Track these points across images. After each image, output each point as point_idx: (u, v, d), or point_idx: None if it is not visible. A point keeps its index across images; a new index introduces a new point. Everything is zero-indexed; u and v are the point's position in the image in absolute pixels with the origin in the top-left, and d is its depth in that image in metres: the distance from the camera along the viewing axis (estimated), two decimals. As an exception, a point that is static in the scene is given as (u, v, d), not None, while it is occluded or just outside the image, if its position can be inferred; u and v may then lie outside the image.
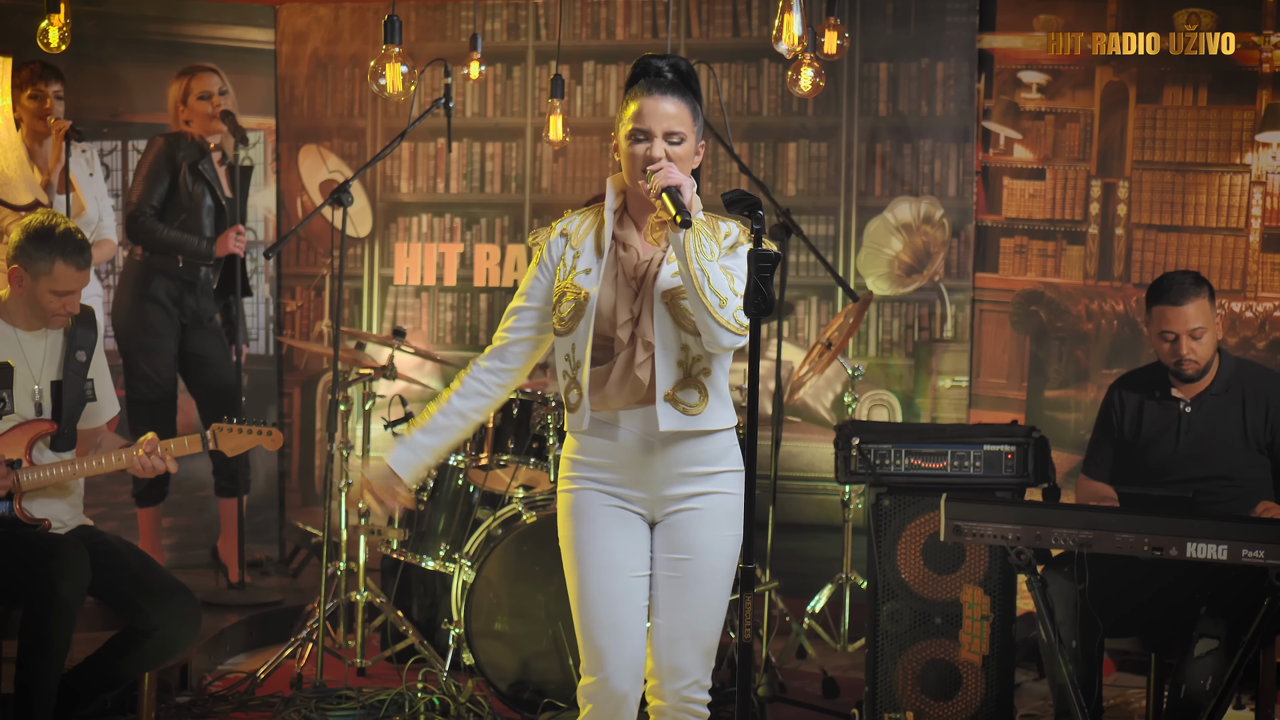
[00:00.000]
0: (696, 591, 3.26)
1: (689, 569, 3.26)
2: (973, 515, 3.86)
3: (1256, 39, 5.83)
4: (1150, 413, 4.57)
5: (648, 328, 3.22)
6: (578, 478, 3.31)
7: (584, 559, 3.27)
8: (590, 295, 3.22)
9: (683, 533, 3.27)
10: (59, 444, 4.26)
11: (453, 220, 6.78)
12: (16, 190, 5.52)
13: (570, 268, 3.27)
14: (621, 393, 3.24)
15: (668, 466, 3.26)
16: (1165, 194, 6.00)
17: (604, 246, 3.25)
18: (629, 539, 3.28)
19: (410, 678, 4.84)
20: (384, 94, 4.75)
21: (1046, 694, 5.00)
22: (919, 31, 6.31)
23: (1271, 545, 3.63)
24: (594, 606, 3.25)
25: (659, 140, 3.20)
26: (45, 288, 4.16)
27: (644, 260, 3.25)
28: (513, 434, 5.18)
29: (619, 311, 3.23)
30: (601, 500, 3.29)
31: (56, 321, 4.24)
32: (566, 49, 6.28)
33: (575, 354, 3.25)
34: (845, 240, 6.39)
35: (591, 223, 3.31)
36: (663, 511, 3.30)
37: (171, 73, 5.98)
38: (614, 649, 3.23)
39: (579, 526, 3.29)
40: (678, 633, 3.26)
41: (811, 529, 6.28)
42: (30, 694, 3.97)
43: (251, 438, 4.33)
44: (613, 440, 3.27)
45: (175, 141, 5.80)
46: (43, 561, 4.00)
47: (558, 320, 3.26)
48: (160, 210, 5.77)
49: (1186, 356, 4.46)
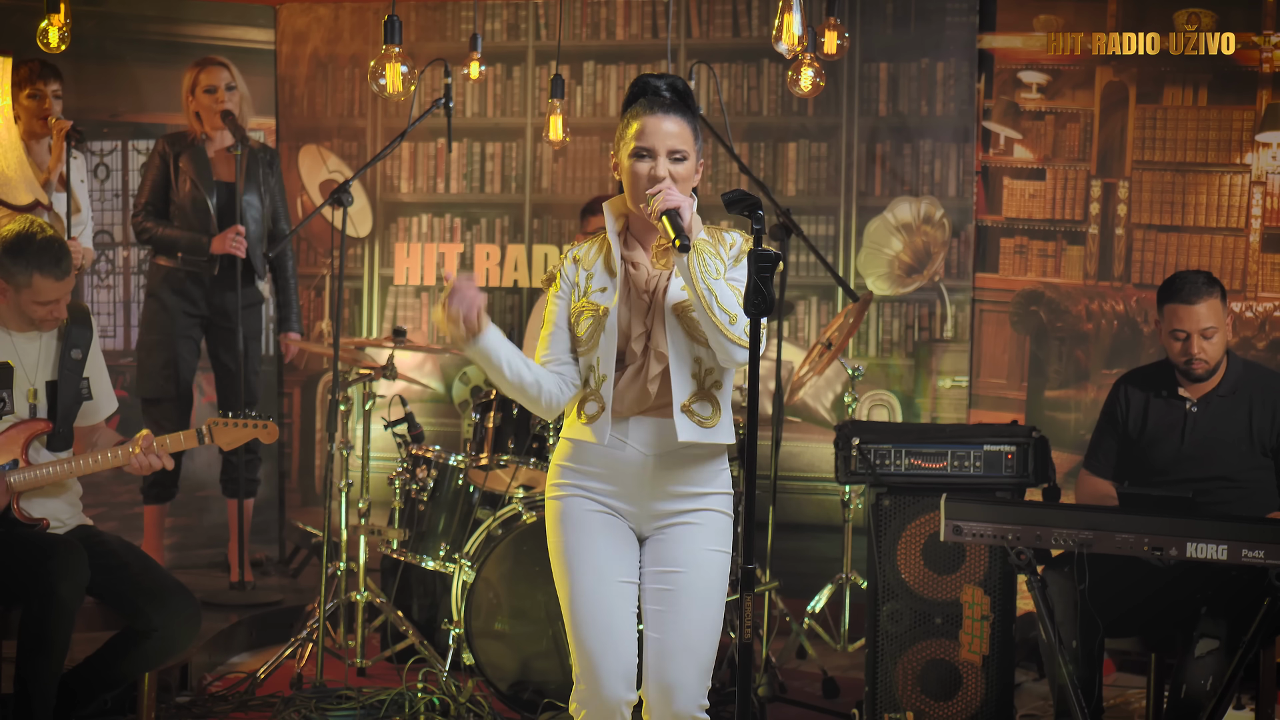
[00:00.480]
0: (688, 604, 3.25)
1: (680, 581, 3.25)
2: (973, 515, 3.86)
3: (1256, 39, 5.83)
4: (1156, 411, 4.57)
5: (660, 340, 3.24)
6: (566, 485, 3.32)
7: (573, 565, 3.27)
8: (610, 310, 3.25)
9: (673, 546, 3.28)
10: (55, 443, 4.25)
11: (453, 220, 6.78)
12: (16, 190, 5.52)
13: (585, 289, 3.29)
14: (625, 401, 3.26)
15: (661, 483, 3.28)
16: (1165, 194, 6.00)
17: (615, 267, 3.27)
18: (618, 545, 3.29)
19: (410, 678, 4.84)
20: (384, 94, 4.75)
21: (1046, 694, 5.00)
22: (919, 31, 6.31)
23: (1271, 545, 3.63)
24: (585, 612, 3.24)
25: (662, 158, 3.21)
26: (28, 299, 4.15)
27: (653, 275, 3.28)
28: (513, 434, 5.18)
29: (633, 326, 3.26)
30: (589, 507, 3.30)
31: (47, 326, 4.24)
32: (566, 49, 6.28)
33: (599, 368, 3.26)
34: (845, 240, 6.39)
35: (599, 248, 3.33)
36: (651, 527, 3.31)
37: (171, 72, 5.99)
38: (607, 654, 3.22)
39: (568, 533, 3.30)
40: (670, 648, 3.23)
41: (811, 529, 6.28)
42: (30, 694, 3.97)
43: (247, 431, 4.33)
44: (610, 450, 3.27)
45: (172, 140, 5.83)
46: (41, 561, 3.99)
47: (576, 340, 3.29)
48: (159, 209, 5.78)
49: (1197, 355, 4.45)
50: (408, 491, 5.28)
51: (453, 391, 6.73)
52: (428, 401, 6.66)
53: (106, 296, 6.56)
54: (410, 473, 5.30)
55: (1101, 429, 4.69)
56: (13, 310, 4.19)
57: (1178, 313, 4.46)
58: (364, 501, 5.20)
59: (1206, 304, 4.43)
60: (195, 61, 5.84)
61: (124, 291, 6.57)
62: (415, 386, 6.26)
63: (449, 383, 6.73)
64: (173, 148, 5.80)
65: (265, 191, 5.84)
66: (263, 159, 5.87)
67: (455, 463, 5.22)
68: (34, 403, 4.21)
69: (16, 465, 4.15)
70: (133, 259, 6.57)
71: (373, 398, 5.27)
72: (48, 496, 4.22)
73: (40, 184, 5.57)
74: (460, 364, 6.71)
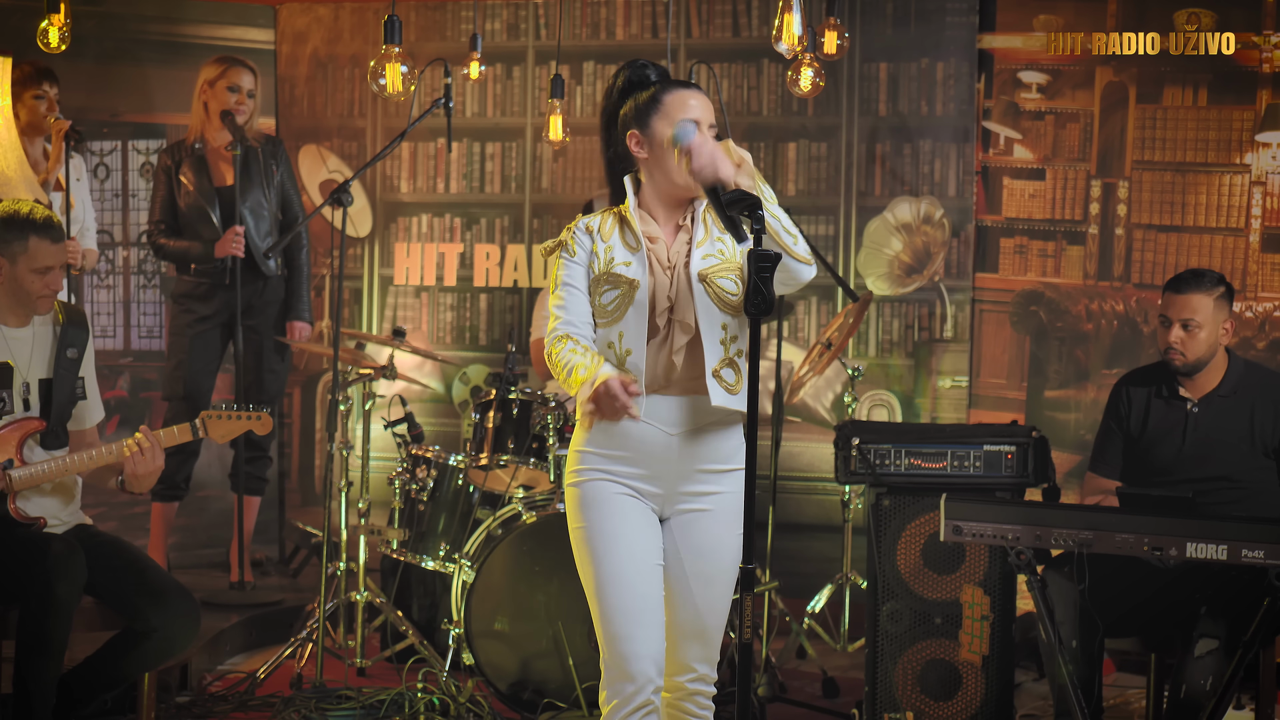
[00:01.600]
0: (705, 592, 3.29)
1: (699, 569, 3.28)
2: (973, 515, 3.86)
3: (1256, 39, 5.83)
4: (1157, 411, 4.57)
5: (686, 311, 3.24)
6: (587, 469, 3.29)
7: (601, 548, 3.25)
8: (640, 283, 3.23)
9: (695, 532, 3.29)
10: (50, 442, 4.24)
11: (453, 220, 6.78)
12: (16, 190, 5.52)
13: (606, 260, 3.27)
14: (657, 376, 3.26)
15: (685, 461, 3.28)
16: (1165, 194, 6.00)
17: (639, 239, 3.27)
18: (645, 527, 3.28)
19: (410, 678, 4.84)
20: (384, 94, 4.75)
21: (1046, 694, 5.00)
22: (919, 31, 6.31)
23: (1271, 545, 3.63)
24: (615, 594, 3.22)
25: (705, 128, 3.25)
26: (24, 268, 4.14)
27: (673, 249, 3.29)
28: (513, 434, 5.18)
29: (658, 300, 3.25)
30: (614, 489, 3.27)
31: (43, 305, 4.22)
32: (566, 49, 6.28)
33: (622, 342, 3.25)
34: (845, 240, 6.39)
35: (613, 222, 3.32)
36: (674, 508, 3.31)
37: (172, 72, 6.00)
38: (637, 637, 3.21)
39: (594, 516, 3.27)
40: (684, 630, 3.29)
41: (811, 529, 6.28)
42: (30, 694, 3.97)
43: (241, 423, 4.32)
44: (630, 431, 3.25)
45: (171, 151, 5.88)
46: (38, 560, 3.99)
47: (599, 311, 3.27)
48: (170, 224, 5.84)
49: (1173, 344, 4.47)
50: (408, 491, 5.28)
51: (453, 391, 6.73)
52: (428, 401, 6.65)
53: (106, 296, 6.57)
54: (410, 473, 5.30)
55: (1106, 430, 4.69)
56: (9, 293, 4.18)
57: (1166, 299, 4.52)
58: (364, 501, 5.20)
59: (1195, 297, 4.45)
60: (219, 57, 5.84)
61: (124, 291, 6.58)
62: (415, 386, 6.26)
63: (449, 383, 6.73)
64: (173, 159, 5.84)
65: (270, 186, 5.84)
66: (266, 152, 5.86)
67: (455, 463, 5.22)
68: (27, 398, 4.21)
69: (11, 464, 4.14)
70: (133, 259, 6.58)
71: (373, 398, 5.27)
72: (44, 495, 4.21)
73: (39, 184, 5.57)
74: (460, 364, 6.71)
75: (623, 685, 3.22)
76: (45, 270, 4.17)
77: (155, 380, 6.46)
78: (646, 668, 3.21)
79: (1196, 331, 4.46)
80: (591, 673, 4.70)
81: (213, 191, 5.79)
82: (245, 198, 5.75)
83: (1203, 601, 4.12)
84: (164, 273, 6.60)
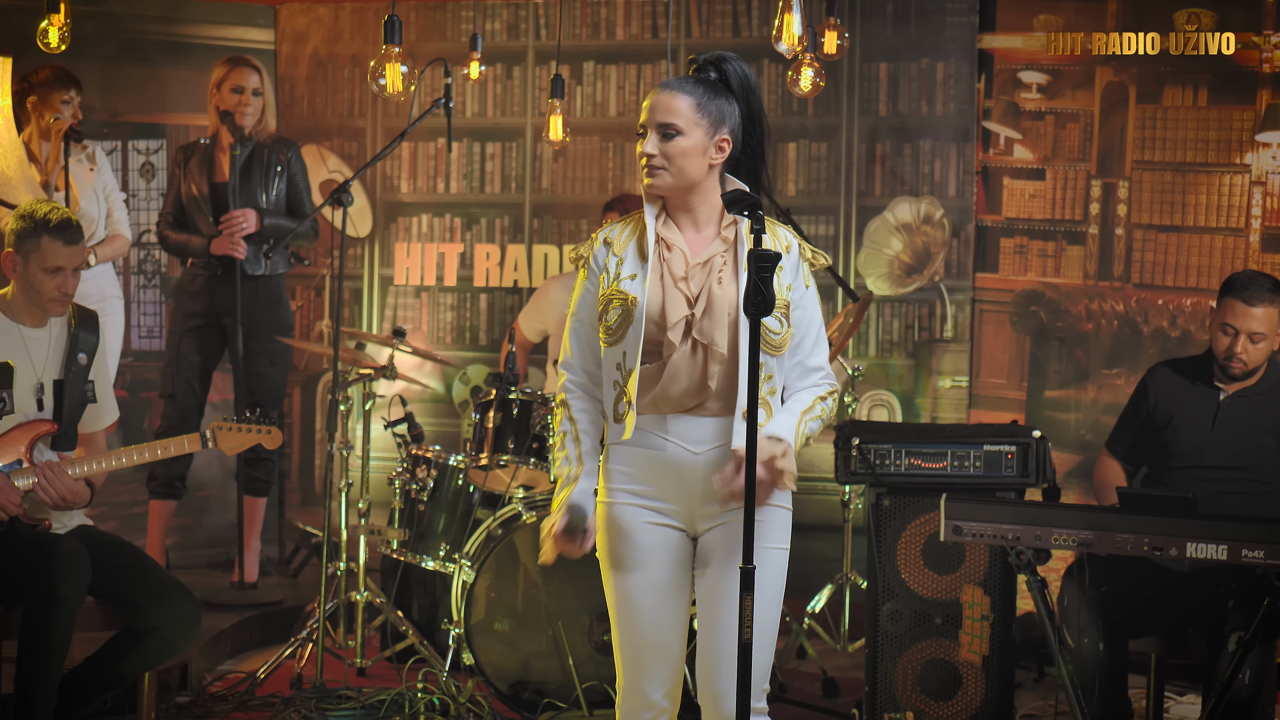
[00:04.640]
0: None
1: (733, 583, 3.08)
2: (973, 515, 3.85)
3: (1256, 39, 5.83)
4: (1187, 397, 4.60)
5: (717, 337, 3.10)
6: (615, 490, 3.19)
7: (624, 579, 3.17)
8: (638, 300, 3.11)
9: (727, 547, 3.15)
10: (59, 444, 4.25)
11: (453, 220, 6.78)
12: (16, 190, 5.53)
13: (615, 275, 3.15)
14: (671, 396, 3.13)
15: (708, 481, 3.14)
16: (1165, 194, 6.00)
17: (647, 251, 3.14)
18: (670, 557, 3.18)
19: (410, 678, 4.84)
20: (384, 94, 4.75)
21: (1047, 694, 5.01)
22: (919, 31, 6.31)
23: (1271, 545, 3.62)
24: (635, 628, 3.16)
25: (652, 135, 3.12)
26: (36, 267, 4.16)
27: (695, 263, 3.15)
28: (513, 434, 5.18)
29: (668, 313, 3.11)
30: (641, 518, 3.17)
31: (55, 308, 4.23)
32: (566, 49, 6.28)
33: (626, 362, 3.14)
34: (845, 240, 6.39)
35: (633, 229, 3.21)
36: (705, 525, 3.19)
37: (172, 72, 6.01)
38: (655, 671, 3.17)
39: (619, 545, 3.18)
40: (721, 653, 3.11)
41: (811, 529, 6.27)
42: (30, 694, 3.97)
43: (251, 436, 4.33)
44: (652, 450, 3.16)
45: (185, 149, 5.91)
46: (42, 561, 3.99)
47: (605, 331, 3.15)
48: (178, 217, 5.87)
49: (1239, 354, 4.48)
50: (408, 491, 5.28)
51: (453, 391, 6.73)
52: (428, 401, 6.65)
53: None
54: (410, 473, 5.30)
55: (1127, 411, 4.74)
56: (24, 291, 4.19)
57: (1235, 309, 4.48)
58: (364, 501, 5.20)
59: (1265, 310, 4.46)
60: (227, 58, 5.86)
61: (124, 291, 6.58)
62: (415, 386, 6.26)
63: (449, 383, 6.73)
64: (184, 154, 5.90)
65: (271, 186, 5.83)
66: (273, 151, 5.85)
67: (455, 463, 5.22)
68: (40, 399, 4.22)
69: (21, 465, 4.15)
70: (133, 259, 6.58)
71: (373, 398, 5.27)
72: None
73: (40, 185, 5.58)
74: (460, 364, 6.71)
75: (639, 714, 3.19)
76: (56, 271, 4.18)
77: (155, 380, 6.46)
78: (664, 700, 3.18)
79: (1261, 341, 4.48)
80: (591, 673, 4.72)
81: (210, 187, 5.80)
82: (240, 195, 5.75)
83: (1229, 597, 4.15)
84: (164, 273, 6.61)
